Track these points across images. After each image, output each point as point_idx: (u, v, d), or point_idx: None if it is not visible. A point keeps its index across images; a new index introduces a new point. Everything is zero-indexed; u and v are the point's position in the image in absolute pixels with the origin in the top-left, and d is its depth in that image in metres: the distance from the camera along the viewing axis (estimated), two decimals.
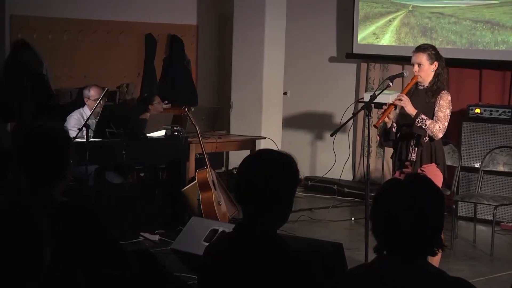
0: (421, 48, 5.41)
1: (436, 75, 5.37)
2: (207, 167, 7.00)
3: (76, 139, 6.32)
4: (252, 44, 8.99)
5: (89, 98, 7.08)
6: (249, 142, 8.04)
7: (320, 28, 9.46)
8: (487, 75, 8.26)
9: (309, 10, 9.50)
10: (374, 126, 5.38)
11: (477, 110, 7.81)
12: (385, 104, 5.38)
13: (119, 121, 6.82)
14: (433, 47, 5.44)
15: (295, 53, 9.48)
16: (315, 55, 9.51)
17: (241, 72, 9.11)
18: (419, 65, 5.35)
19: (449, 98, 5.34)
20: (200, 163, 7.28)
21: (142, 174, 7.65)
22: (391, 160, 5.69)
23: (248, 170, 2.57)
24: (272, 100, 9.09)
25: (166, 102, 8.79)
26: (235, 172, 6.93)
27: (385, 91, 5.60)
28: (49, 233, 2.11)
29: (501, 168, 7.10)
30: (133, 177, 7.53)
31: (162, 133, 7.24)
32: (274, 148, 7.72)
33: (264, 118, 9.02)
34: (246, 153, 7.25)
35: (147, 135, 7.16)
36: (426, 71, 5.36)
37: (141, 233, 6.73)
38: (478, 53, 8.19)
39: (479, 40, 8.19)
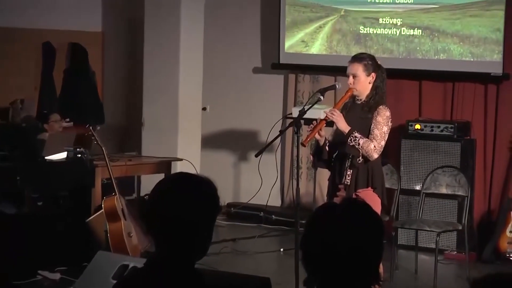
0: (357, 58, 5.49)
1: (374, 87, 5.44)
2: (115, 194, 6.92)
3: None
4: (166, 54, 8.97)
5: None
6: (163, 165, 7.99)
7: (242, 35, 9.51)
8: (427, 87, 8.44)
9: (230, 15, 9.55)
10: (302, 144, 5.42)
11: (417, 126, 7.96)
12: (315, 120, 5.43)
13: (13, 142, 6.69)
14: (371, 57, 5.52)
15: (214, 64, 9.50)
16: (238, 65, 9.55)
17: (154, 85, 9.07)
18: (354, 76, 5.42)
19: (388, 113, 5.42)
20: (107, 190, 7.20)
21: (40, 203, 7.52)
22: (323, 183, 5.75)
23: (161, 196, 2.55)
24: (189, 116, 9.07)
25: (68, 119, 8.67)
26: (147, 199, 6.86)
27: (315, 106, 5.66)
28: None
29: (443, 190, 7.23)
30: (29, 206, 7.38)
31: (63, 155, 7.14)
32: (192, 171, 7.69)
33: (180, 137, 8.99)
34: (160, 177, 7.20)
35: (46, 158, 7.04)
36: (362, 83, 5.42)
37: (39, 271, 6.60)
38: (417, 63, 8.37)
39: (418, 48, 8.37)
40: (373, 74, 5.43)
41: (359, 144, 5.31)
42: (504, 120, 8.09)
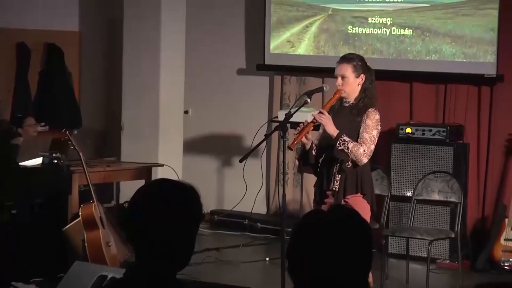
0: (345, 59, 5.51)
1: (363, 90, 5.47)
2: (93, 201, 6.91)
3: None
4: (146, 54, 8.96)
5: None
6: (143, 171, 7.98)
7: (226, 35, 9.51)
8: (418, 89, 8.46)
9: (213, 14, 9.55)
10: (289, 147, 5.42)
11: (408, 130, 7.98)
12: (302, 123, 5.43)
13: None
14: (360, 58, 5.55)
15: (197, 65, 9.49)
16: (221, 66, 9.55)
17: (134, 87, 9.05)
18: (343, 77, 5.44)
19: (378, 117, 5.44)
20: (85, 197, 7.18)
21: (14, 211, 7.49)
22: (310, 189, 5.75)
23: (142, 203, 2.55)
24: (170, 120, 9.06)
25: (43, 123, 8.65)
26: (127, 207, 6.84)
27: (302, 108, 5.67)
28: None
29: (436, 197, 7.26)
30: (3, 214, 7.36)
31: (38, 161, 7.12)
32: (174, 177, 7.68)
33: (161, 142, 8.98)
34: (140, 183, 7.19)
35: (20, 164, 7.01)
36: (351, 85, 5.45)
37: (13, 283, 6.57)
38: (407, 64, 8.39)
39: (409, 48, 8.40)
40: (362, 75, 5.46)
41: (348, 148, 5.32)
42: (498, 123, 8.12)
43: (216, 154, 9.59)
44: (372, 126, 5.41)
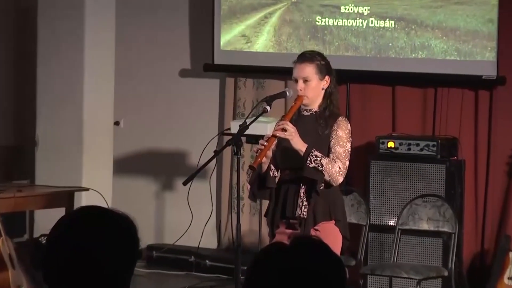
0: (306, 57, 5.55)
1: (328, 95, 5.52)
2: (1, 236, 6.88)
3: None
4: (67, 54, 8.93)
5: None
6: (64, 197, 7.95)
7: (166, 28, 9.51)
8: (403, 94, 8.51)
9: (150, 3, 9.55)
10: (251, 167, 5.40)
11: (390, 144, 8.02)
12: (261, 137, 5.45)
13: None
14: (322, 56, 5.60)
15: (130, 66, 9.48)
16: (160, 68, 9.54)
17: (51, 94, 9.01)
18: (305, 80, 5.48)
19: (349, 127, 5.51)
20: None
21: None
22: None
23: (63, 237, 2.55)
24: (97, 133, 9.04)
25: None
26: (44, 242, 6.80)
27: (260, 118, 5.70)
28: None
29: (424, 226, 7.31)
30: None
31: None
32: (102, 204, 7.67)
33: (86, 160, 8.95)
34: (60, 212, 7.17)
35: None
36: (314, 89, 5.49)
37: None
38: (389, 63, 8.43)
39: (390, 44, 8.45)
40: (327, 77, 5.51)
41: (322, 165, 5.34)
42: (499, 135, 8.14)
43: (154, 175, 9.58)
44: (345, 138, 5.45)
